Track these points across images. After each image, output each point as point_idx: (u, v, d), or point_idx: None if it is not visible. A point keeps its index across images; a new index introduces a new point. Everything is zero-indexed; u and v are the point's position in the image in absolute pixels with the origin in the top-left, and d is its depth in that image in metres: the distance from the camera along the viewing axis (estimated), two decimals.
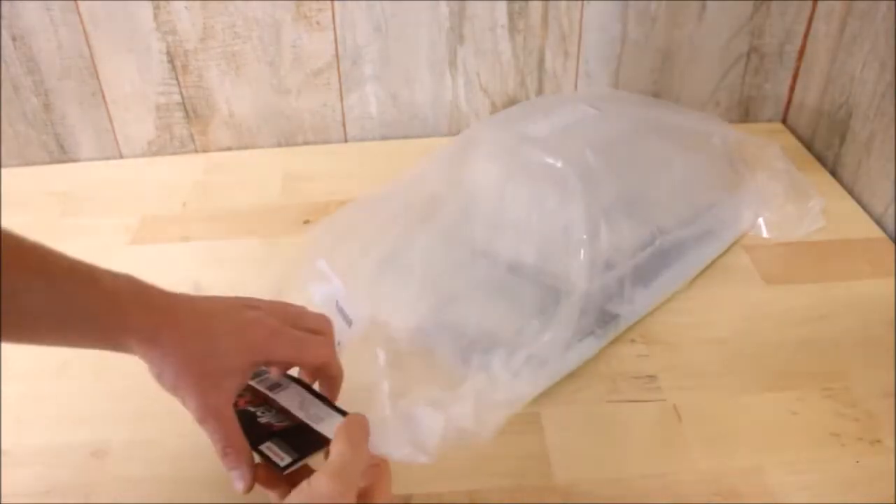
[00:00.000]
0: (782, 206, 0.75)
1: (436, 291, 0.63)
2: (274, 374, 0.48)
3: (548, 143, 0.65)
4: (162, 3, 0.83)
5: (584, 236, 0.60)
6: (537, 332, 0.58)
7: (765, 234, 0.74)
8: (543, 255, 0.62)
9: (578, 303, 0.59)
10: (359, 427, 0.42)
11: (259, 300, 0.46)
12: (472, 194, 0.67)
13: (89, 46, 0.85)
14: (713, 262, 0.71)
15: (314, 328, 0.46)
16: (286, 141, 0.94)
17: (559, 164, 0.62)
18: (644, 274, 0.65)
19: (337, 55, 0.88)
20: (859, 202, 0.79)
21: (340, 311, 0.52)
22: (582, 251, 0.60)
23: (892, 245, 0.73)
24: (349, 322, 0.51)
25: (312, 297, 0.56)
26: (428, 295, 0.62)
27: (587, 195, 0.61)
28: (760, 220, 0.75)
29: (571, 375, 0.60)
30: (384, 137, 0.95)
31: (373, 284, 0.62)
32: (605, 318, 0.62)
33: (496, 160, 0.66)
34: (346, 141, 0.95)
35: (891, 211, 0.75)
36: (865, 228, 0.76)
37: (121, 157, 0.93)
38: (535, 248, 0.62)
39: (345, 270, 0.59)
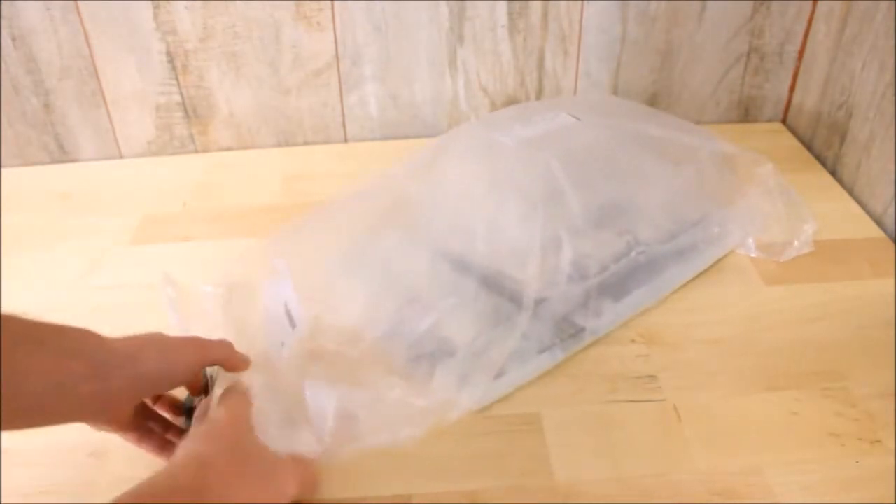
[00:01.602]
0: (774, 226, 0.73)
1: (394, 293, 0.62)
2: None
3: (516, 153, 0.64)
4: (162, 3, 0.83)
5: (538, 247, 0.60)
6: (491, 341, 0.58)
7: (753, 254, 0.71)
8: (503, 264, 0.61)
9: (528, 314, 0.58)
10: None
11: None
12: (440, 198, 0.66)
13: (89, 46, 0.85)
14: (712, 264, 0.71)
15: None
16: (286, 141, 0.94)
17: (522, 175, 0.62)
18: (616, 287, 0.65)
19: (337, 55, 0.88)
20: (859, 202, 0.79)
21: (287, 312, 0.53)
22: (533, 263, 0.59)
23: (892, 245, 0.73)
24: (293, 324, 0.53)
25: (263, 294, 0.57)
26: (386, 296, 0.62)
27: (549, 206, 0.61)
28: (750, 240, 0.72)
29: (571, 376, 0.60)
30: (384, 137, 0.95)
31: (329, 283, 0.62)
32: (569, 331, 0.61)
33: (465, 166, 0.66)
34: (346, 141, 0.95)
35: (891, 211, 0.75)
36: (865, 228, 0.76)
37: (121, 157, 0.93)
38: (496, 256, 0.61)
39: (303, 268, 0.59)
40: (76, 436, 0.56)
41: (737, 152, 0.75)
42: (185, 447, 0.44)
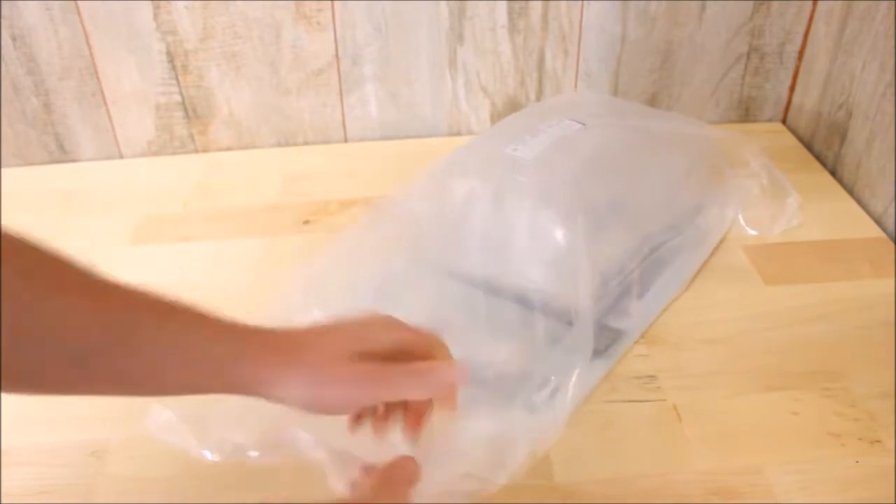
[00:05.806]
0: (760, 203, 0.76)
1: (435, 328, 0.60)
2: None
3: (537, 166, 0.64)
4: (162, 3, 0.83)
5: (585, 259, 0.59)
6: (552, 363, 0.57)
7: (748, 230, 0.75)
8: (545, 282, 0.60)
9: (591, 328, 0.57)
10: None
11: (373, 330, 0.46)
12: (463, 223, 0.64)
13: (89, 46, 0.85)
14: (712, 262, 0.71)
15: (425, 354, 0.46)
16: (286, 141, 0.94)
17: (552, 187, 0.62)
18: (639, 285, 0.65)
19: (337, 55, 0.88)
20: (859, 202, 0.79)
21: None
22: (585, 274, 0.59)
23: (892, 245, 0.73)
24: None
25: None
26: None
27: (581, 215, 0.61)
28: (740, 216, 0.75)
29: None
30: (384, 137, 0.95)
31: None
32: (609, 336, 0.61)
33: (486, 187, 0.64)
34: (346, 141, 0.95)
35: (891, 211, 0.75)
36: (865, 228, 0.76)
37: (121, 157, 0.93)
38: (535, 274, 0.60)
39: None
40: (76, 436, 0.56)
41: (724, 136, 0.77)
42: None
